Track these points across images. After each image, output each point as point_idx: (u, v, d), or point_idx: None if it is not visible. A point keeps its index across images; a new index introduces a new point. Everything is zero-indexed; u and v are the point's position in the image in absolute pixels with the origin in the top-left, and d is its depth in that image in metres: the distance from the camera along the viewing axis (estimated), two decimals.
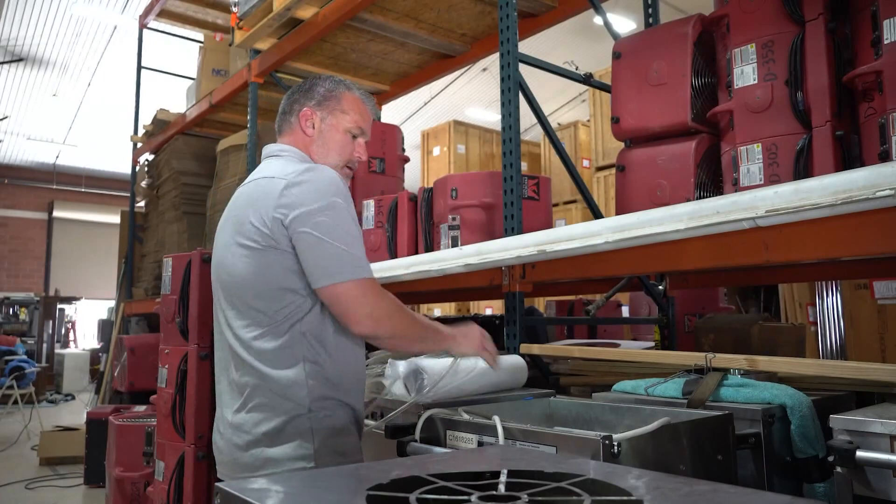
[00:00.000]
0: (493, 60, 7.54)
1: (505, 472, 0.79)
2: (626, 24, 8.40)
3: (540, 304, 5.08)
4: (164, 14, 6.03)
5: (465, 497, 0.69)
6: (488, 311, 6.84)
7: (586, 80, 3.03)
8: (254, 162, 4.31)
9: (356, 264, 1.52)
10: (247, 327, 1.56)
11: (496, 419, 1.29)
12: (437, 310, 7.29)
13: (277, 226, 1.51)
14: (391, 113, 9.12)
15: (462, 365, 1.80)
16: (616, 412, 1.50)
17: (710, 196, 2.10)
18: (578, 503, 0.68)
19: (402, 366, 1.84)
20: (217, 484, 0.78)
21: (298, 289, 1.53)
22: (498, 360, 1.78)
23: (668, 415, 1.39)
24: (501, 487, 0.74)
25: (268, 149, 1.76)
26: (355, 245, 1.54)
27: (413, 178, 5.00)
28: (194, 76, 5.70)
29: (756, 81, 1.97)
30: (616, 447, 1.10)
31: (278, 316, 1.53)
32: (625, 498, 0.70)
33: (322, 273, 1.50)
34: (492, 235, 2.66)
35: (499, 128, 2.59)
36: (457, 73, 6.86)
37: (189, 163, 5.53)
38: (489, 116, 11.63)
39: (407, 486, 0.73)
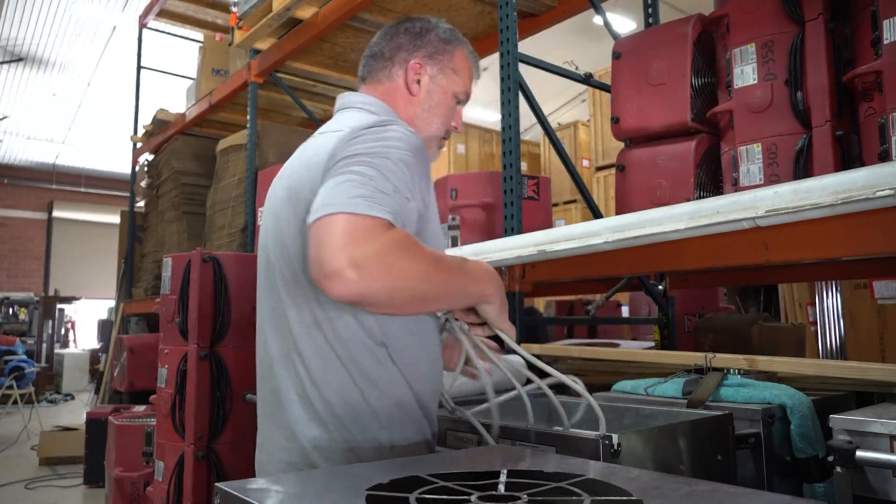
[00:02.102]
0: (493, 60, 7.55)
1: (504, 472, 0.79)
2: (626, 24, 8.40)
3: (540, 304, 5.08)
4: (164, 14, 6.04)
5: (465, 497, 0.69)
6: None
7: (586, 80, 3.03)
8: (253, 162, 4.31)
9: (359, 194, 1.04)
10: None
11: (495, 419, 1.29)
12: None
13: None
14: None
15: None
16: (616, 412, 1.50)
17: (709, 196, 2.10)
18: (578, 503, 0.68)
19: None
20: (217, 484, 0.78)
21: None
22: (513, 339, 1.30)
23: (668, 415, 1.39)
24: (501, 487, 0.74)
25: (344, 99, 1.41)
26: (381, 179, 1.08)
27: None
28: (194, 76, 5.71)
29: (756, 81, 1.97)
30: (616, 446, 1.10)
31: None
32: (625, 498, 0.70)
33: (314, 207, 1.06)
34: (491, 235, 2.66)
35: (499, 128, 2.59)
36: None
37: (189, 163, 5.53)
38: (489, 116, 11.61)
39: (406, 487, 0.73)
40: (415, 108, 1.40)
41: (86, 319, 15.54)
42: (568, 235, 2.05)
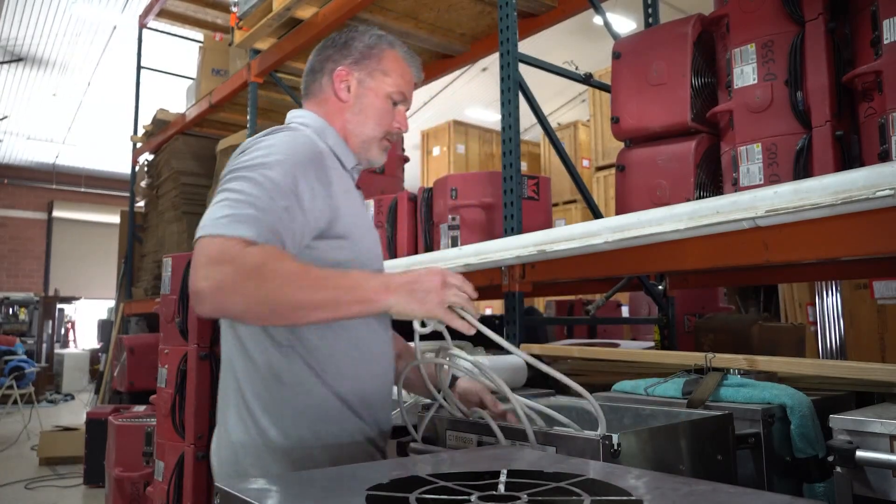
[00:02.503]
0: (493, 60, 7.53)
1: (504, 472, 0.79)
2: (626, 24, 8.40)
3: (540, 304, 5.08)
4: (164, 14, 6.04)
5: (465, 497, 0.69)
6: (488, 311, 6.84)
7: (586, 80, 3.03)
8: None
9: (224, 214, 1.12)
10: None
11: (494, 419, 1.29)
12: None
13: None
14: None
15: (463, 366, 1.79)
16: (616, 412, 1.50)
17: (709, 196, 2.10)
18: (578, 503, 0.68)
19: None
20: (216, 484, 0.78)
21: None
22: (474, 321, 1.21)
23: (668, 415, 1.39)
24: (501, 487, 0.74)
25: (288, 116, 1.50)
26: (252, 196, 1.14)
27: (413, 178, 5.00)
28: (194, 76, 5.70)
29: (756, 81, 1.97)
30: (616, 447, 1.10)
31: None
32: (624, 498, 0.70)
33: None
34: (491, 235, 2.66)
35: (499, 128, 2.59)
36: (456, 72, 6.87)
37: (189, 163, 5.53)
38: (489, 116, 11.62)
39: (406, 487, 0.73)
40: (345, 113, 1.45)
41: (86, 319, 15.53)
42: (568, 235, 2.05)
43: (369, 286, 1.15)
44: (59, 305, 13.42)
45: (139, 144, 6.67)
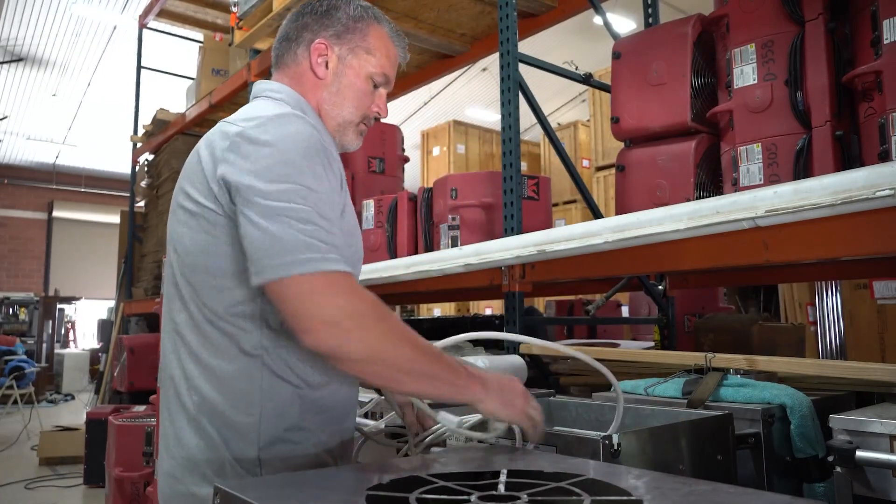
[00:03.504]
0: (493, 60, 7.54)
1: (504, 471, 0.79)
2: (626, 24, 8.40)
3: (540, 304, 5.08)
4: (164, 14, 6.04)
5: (465, 497, 0.69)
6: (488, 311, 6.84)
7: (586, 80, 3.03)
8: None
9: (315, 249, 1.05)
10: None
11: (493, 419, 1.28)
12: (437, 310, 7.29)
13: (221, 191, 1.13)
14: (391, 113, 9.11)
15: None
16: (616, 412, 1.50)
17: (709, 196, 2.10)
18: (578, 503, 0.68)
19: None
20: (216, 484, 0.78)
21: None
22: (541, 435, 1.19)
23: (668, 415, 1.39)
24: (501, 487, 0.74)
25: (255, 87, 1.34)
26: (322, 226, 1.08)
27: (413, 178, 5.00)
28: (194, 76, 5.71)
29: (756, 81, 1.97)
30: (616, 446, 1.10)
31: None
32: (624, 498, 0.70)
33: (262, 266, 1.06)
34: (491, 235, 2.66)
35: (499, 128, 2.59)
36: (457, 73, 6.87)
37: None
38: (489, 116, 11.63)
39: (406, 486, 0.73)
40: (321, 91, 1.31)
41: (86, 319, 15.54)
42: (568, 235, 2.05)
43: (467, 375, 1.14)
44: (59, 305, 13.42)
45: (139, 144, 6.67)
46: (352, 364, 1.07)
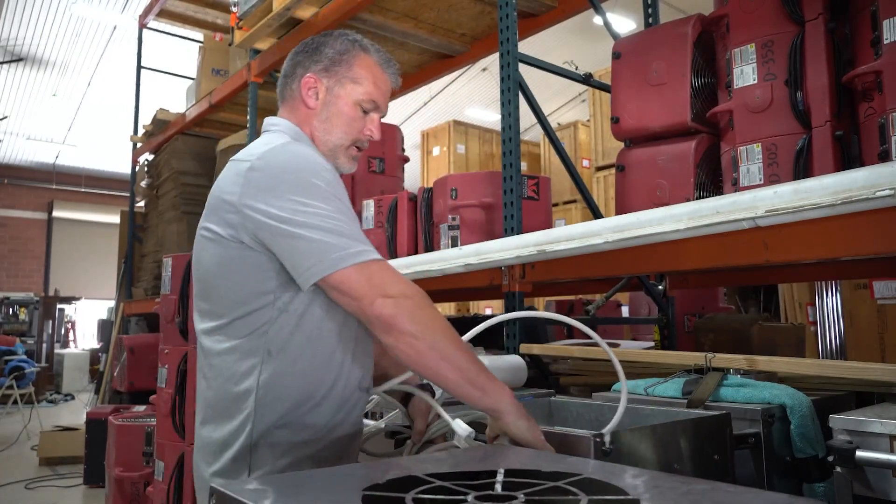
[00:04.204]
0: (492, 60, 7.54)
1: (501, 471, 0.78)
2: (626, 24, 8.40)
3: (540, 304, 5.07)
4: (164, 14, 6.03)
5: (462, 497, 0.69)
6: (488, 311, 6.84)
7: (586, 80, 3.03)
8: None
9: (353, 247, 1.23)
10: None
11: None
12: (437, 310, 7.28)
13: (239, 218, 1.27)
14: (391, 113, 9.12)
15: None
16: (614, 411, 1.50)
17: (709, 196, 2.10)
18: (575, 502, 0.68)
19: None
20: (212, 485, 0.78)
21: (267, 292, 1.28)
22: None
23: (666, 414, 1.38)
24: (498, 487, 0.74)
25: (265, 122, 1.50)
26: (345, 228, 1.25)
27: (413, 178, 5.00)
28: (194, 76, 5.70)
29: (756, 81, 1.97)
30: (607, 445, 1.10)
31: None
32: (622, 497, 0.69)
33: (309, 267, 1.21)
34: (491, 235, 2.66)
35: (499, 128, 2.59)
36: (457, 73, 6.88)
37: (189, 163, 5.53)
38: (489, 116, 11.63)
39: (403, 486, 0.73)
40: (313, 120, 1.45)
41: (86, 319, 15.54)
42: (568, 235, 2.05)
43: (499, 385, 1.23)
44: (59, 305, 13.42)
45: (139, 144, 6.67)
46: (402, 336, 1.19)
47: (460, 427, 1.27)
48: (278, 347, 1.27)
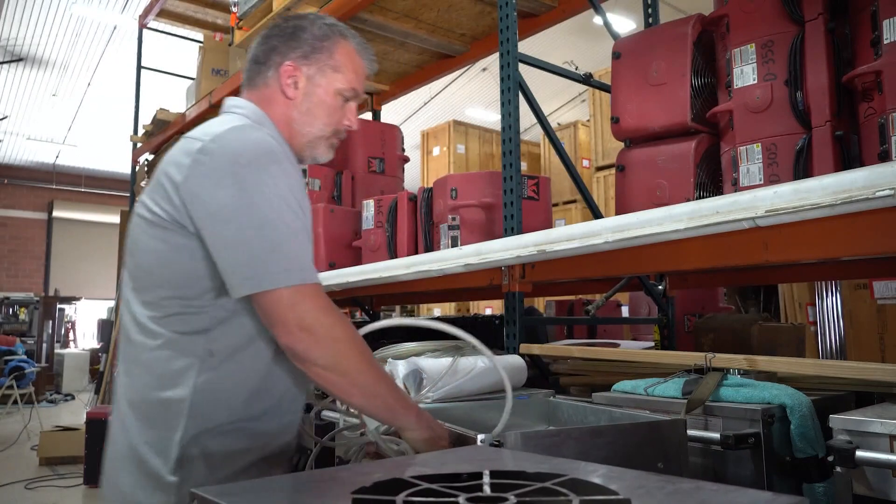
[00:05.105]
0: (493, 60, 7.53)
1: (487, 472, 0.78)
2: (626, 24, 8.40)
3: (540, 304, 5.07)
4: (164, 14, 6.03)
5: (452, 499, 0.69)
6: (488, 311, 6.84)
7: (586, 80, 3.03)
8: None
9: (289, 265, 1.16)
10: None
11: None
12: (437, 310, 7.29)
13: (180, 201, 1.18)
14: (391, 113, 9.12)
15: (461, 364, 1.80)
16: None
17: (709, 196, 2.10)
18: (567, 503, 0.68)
19: (401, 366, 1.84)
20: (192, 490, 0.76)
21: (211, 289, 1.20)
22: None
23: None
24: (486, 489, 0.74)
25: (225, 103, 1.40)
26: (290, 236, 1.18)
27: (413, 178, 5.00)
28: (194, 76, 5.70)
29: (756, 81, 1.97)
30: (498, 445, 1.11)
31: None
32: (612, 497, 0.69)
33: (241, 278, 1.15)
34: (492, 235, 2.66)
35: (499, 128, 2.59)
36: (457, 73, 6.87)
37: None
38: (489, 116, 11.63)
39: (391, 489, 0.72)
40: (292, 111, 1.37)
41: (86, 319, 15.54)
42: (568, 235, 2.05)
43: (406, 405, 1.26)
44: (59, 305, 13.41)
45: (139, 144, 6.67)
46: (315, 368, 1.17)
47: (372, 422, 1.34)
48: (221, 348, 1.20)
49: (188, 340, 1.19)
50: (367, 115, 4.68)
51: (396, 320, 1.56)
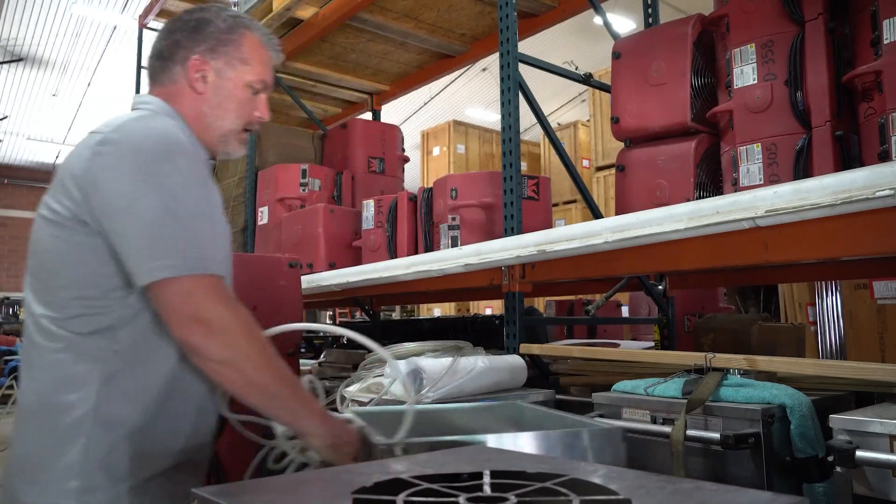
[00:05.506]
0: (492, 60, 7.53)
1: (487, 472, 0.78)
2: (626, 24, 8.40)
3: (540, 304, 5.08)
4: (164, 14, 6.02)
5: (453, 499, 0.69)
6: (488, 311, 6.84)
7: (586, 80, 3.03)
8: (253, 162, 4.31)
9: (187, 254, 1.12)
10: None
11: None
12: (437, 310, 7.30)
13: (81, 196, 1.14)
14: (391, 113, 9.12)
15: (461, 364, 1.80)
16: (404, 420, 1.43)
17: (709, 196, 2.10)
18: (567, 503, 0.68)
19: (402, 365, 1.84)
20: (193, 490, 0.75)
21: (117, 287, 1.16)
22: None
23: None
24: (487, 489, 0.74)
25: (133, 100, 1.36)
26: (193, 225, 1.15)
27: (413, 178, 5.00)
28: None
29: (756, 81, 1.97)
30: (397, 451, 1.11)
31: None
32: (612, 497, 0.69)
33: (139, 268, 1.11)
34: (491, 235, 2.66)
35: (499, 128, 2.59)
36: (456, 73, 6.87)
37: None
38: (489, 116, 11.62)
39: (391, 489, 0.72)
40: (201, 106, 1.33)
41: None
42: (568, 235, 2.05)
43: (310, 409, 1.21)
44: None
45: None
46: (210, 363, 1.13)
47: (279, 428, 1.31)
48: (125, 348, 1.15)
49: (91, 342, 1.15)
50: (367, 115, 4.68)
51: (301, 325, 1.55)
